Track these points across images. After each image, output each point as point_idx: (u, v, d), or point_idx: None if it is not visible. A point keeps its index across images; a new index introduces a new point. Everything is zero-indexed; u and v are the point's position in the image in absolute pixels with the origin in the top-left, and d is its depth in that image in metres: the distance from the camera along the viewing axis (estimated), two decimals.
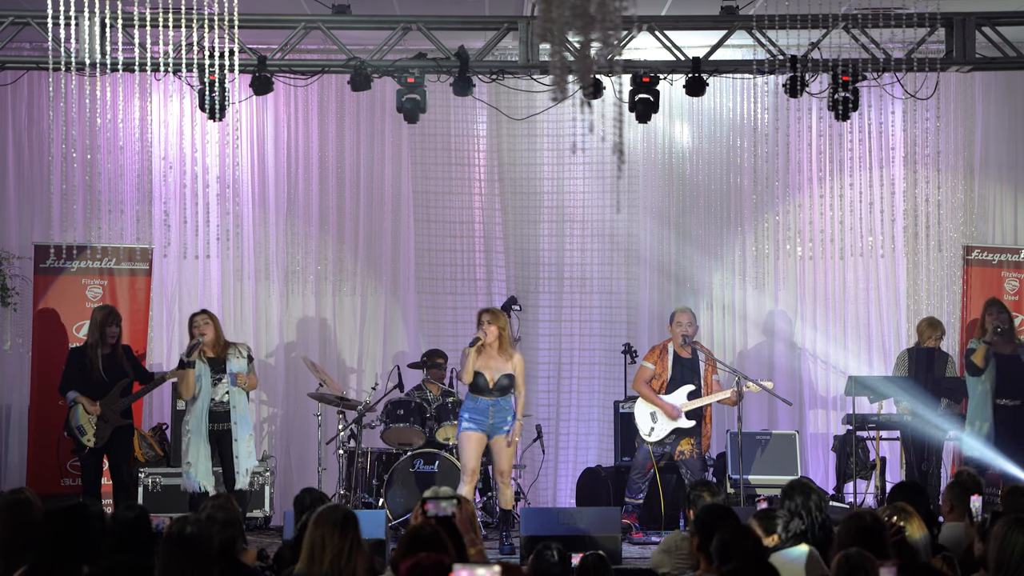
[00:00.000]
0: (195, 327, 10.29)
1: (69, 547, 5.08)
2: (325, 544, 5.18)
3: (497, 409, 9.96)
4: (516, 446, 10.24)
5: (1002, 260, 12.40)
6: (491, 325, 9.93)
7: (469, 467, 9.96)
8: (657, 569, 7.30)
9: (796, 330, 12.97)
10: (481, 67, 10.98)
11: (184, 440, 10.20)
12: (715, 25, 11.04)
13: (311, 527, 5.27)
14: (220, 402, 10.19)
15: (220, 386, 10.19)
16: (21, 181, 12.76)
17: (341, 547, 5.19)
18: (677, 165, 13.01)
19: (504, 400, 9.99)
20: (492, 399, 9.95)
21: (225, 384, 10.20)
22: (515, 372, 10.00)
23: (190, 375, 10.11)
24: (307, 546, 5.23)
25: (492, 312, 10.09)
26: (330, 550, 5.18)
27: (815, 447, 12.83)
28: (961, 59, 10.78)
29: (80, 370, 10.52)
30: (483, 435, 9.97)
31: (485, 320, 9.99)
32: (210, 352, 10.24)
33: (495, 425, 9.97)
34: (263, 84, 10.72)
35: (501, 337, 9.97)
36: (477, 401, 10.00)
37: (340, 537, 5.20)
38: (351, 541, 5.22)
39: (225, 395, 10.20)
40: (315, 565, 5.17)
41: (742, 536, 5.51)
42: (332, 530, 5.20)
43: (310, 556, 5.20)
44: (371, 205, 13.04)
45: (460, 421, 10.07)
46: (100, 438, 10.44)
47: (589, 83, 4.48)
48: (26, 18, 10.57)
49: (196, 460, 10.09)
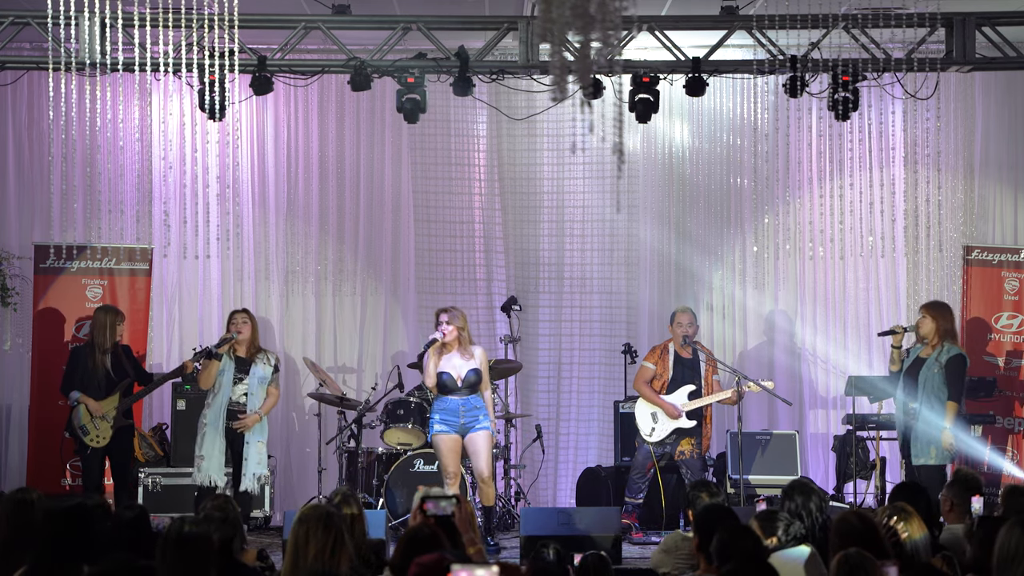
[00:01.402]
0: (232, 323, 10.33)
1: (69, 547, 5.08)
2: (308, 540, 5.21)
3: (468, 408, 9.93)
4: (491, 446, 10.17)
5: (1002, 260, 12.40)
6: (449, 325, 9.91)
7: (450, 470, 9.94)
8: (657, 569, 7.31)
9: (796, 330, 12.97)
10: (481, 67, 10.98)
11: (199, 434, 10.21)
12: (715, 25, 11.04)
13: (294, 525, 5.30)
14: (237, 402, 10.20)
15: (240, 386, 10.22)
16: (21, 181, 12.76)
17: (324, 542, 5.21)
18: (677, 165, 13.01)
19: (474, 398, 9.95)
20: (462, 397, 9.92)
21: (245, 385, 10.22)
22: (480, 366, 9.97)
23: (213, 367, 10.12)
24: (291, 544, 5.26)
25: (450, 312, 10.04)
26: (313, 545, 5.20)
27: (815, 447, 12.83)
28: (961, 59, 10.78)
29: (83, 370, 10.53)
30: (457, 436, 9.93)
31: (443, 320, 9.95)
32: (241, 351, 10.28)
33: (467, 424, 9.93)
34: (263, 84, 10.72)
35: (460, 335, 9.94)
36: (446, 401, 9.94)
37: (324, 533, 5.22)
38: (334, 537, 5.24)
39: (243, 396, 10.22)
40: (299, 560, 5.19)
41: (742, 536, 5.51)
42: (316, 526, 5.23)
43: (294, 553, 5.23)
44: (371, 205, 13.04)
45: (431, 425, 10.03)
46: (103, 438, 10.47)
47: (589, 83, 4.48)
48: (26, 18, 10.57)
49: (210, 454, 10.10)
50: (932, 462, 10.09)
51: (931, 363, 10.22)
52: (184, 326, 12.74)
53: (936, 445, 10.07)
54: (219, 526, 5.89)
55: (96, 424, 10.47)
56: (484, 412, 10.01)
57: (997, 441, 11.97)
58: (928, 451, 10.09)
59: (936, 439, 10.06)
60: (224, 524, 5.92)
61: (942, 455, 10.13)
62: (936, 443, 10.07)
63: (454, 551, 5.15)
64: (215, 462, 10.09)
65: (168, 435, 11.95)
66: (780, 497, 6.46)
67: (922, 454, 10.10)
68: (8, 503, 5.74)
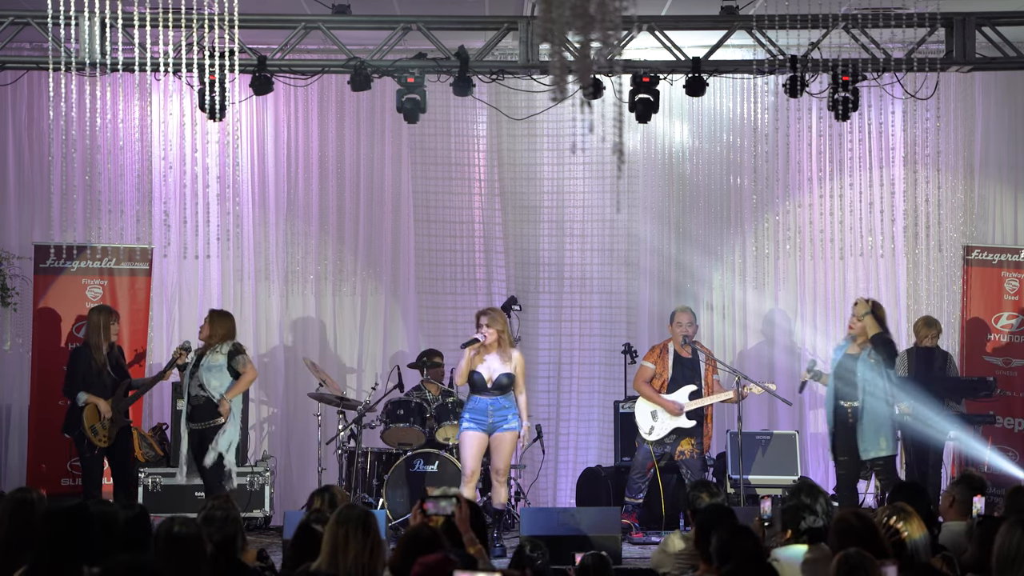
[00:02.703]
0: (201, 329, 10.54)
1: (69, 547, 5.08)
2: (349, 542, 5.20)
3: (496, 407, 9.97)
4: (515, 446, 10.24)
5: (1002, 260, 12.40)
6: (490, 328, 9.93)
7: (469, 468, 9.97)
8: (657, 569, 7.31)
9: (796, 330, 12.97)
10: (481, 67, 10.98)
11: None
12: (715, 25, 11.04)
13: (333, 525, 5.28)
14: (194, 395, 10.35)
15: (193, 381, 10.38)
16: (21, 181, 12.76)
17: (364, 544, 5.21)
18: (677, 165, 13.01)
19: (504, 398, 9.99)
20: (491, 397, 9.96)
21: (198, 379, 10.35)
22: (515, 371, 10.01)
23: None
24: (329, 543, 5.24)
25: (490, 315, 10.06)
26: (354, 547, 5.20)
27: (815, 447, 12.83)
28: (961, 59, 10.78)
29: (86, 371, 10.55)
30: (484, 435, 9.98)
31: (484, 323, 9.98)
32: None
33: (495, 424, 9.98)
34: (263, 84, 10.72)
35: (500, 338, 9.98)
36: (475, 401, 10.02)
37: (363, 535, 5.22)
38: (372, 539, 5.25)
39: (199, 389, 10.33)
40: (339, 562, 5.18)
41: (742, 536, 5.51)
42: (355, 528, 5.22)
43: (332, 553, 5.21)
44: (371, 205, 13.04)
45: (461, 422, 10.09)
46: (110, 438, 10.53)
47: (589, 83, 4.48)
48: (26, 18, 10.57)
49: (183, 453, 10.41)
50: (884, 453, 10.12)
51: (863, 359, 10.20)
52: (184, 326, 12.73)
53: (885, 435, 10.10)
54: (220, 526, 5.89)
55: (104, 424, 10.51)
56: (514, 412, 10.02)
57: (997, 441, 11.97)
58: (878, 443, 10.11)
59: (885, 428, 10.10)
60: (225, 523, 5.92)
61: (891, 445, 10.17)
62: (886, 432, 10.10)
63: (455, 551, 5.15)
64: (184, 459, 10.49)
65: (168, 435, 11.96)
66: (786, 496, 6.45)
67: (872, 447, 10.10)
68: (8, 503, 5.74)
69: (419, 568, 4.60)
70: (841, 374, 10.26)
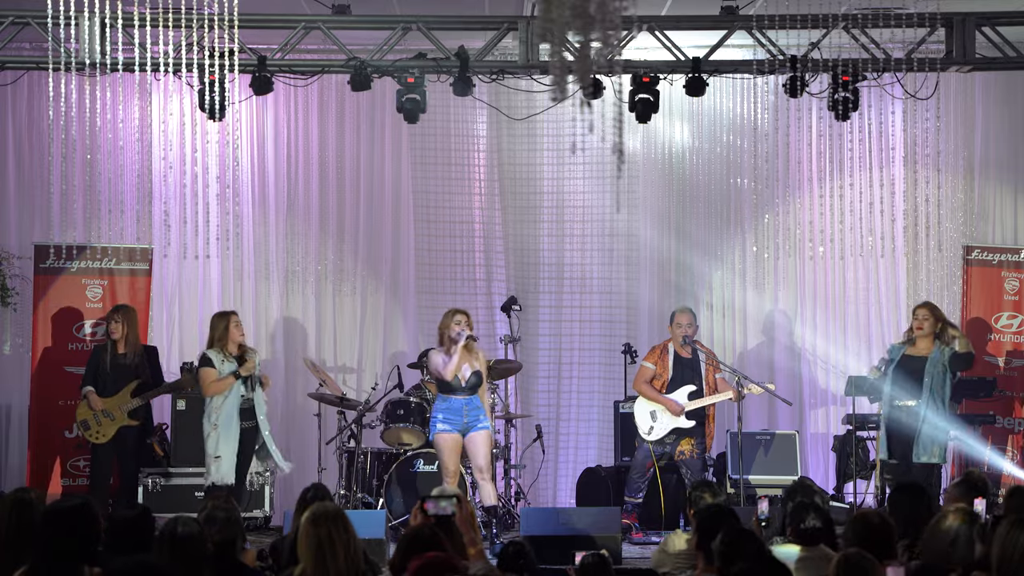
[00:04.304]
0: (237, 326, 10.52)
1: (69, 547, 5.08)
2: (334, 540, 5.17)
3: (471, 407, 10.12)
4: (491, 444, 10.33)
5: (1002, 260, 12.39)
6: (470, 325, 10.13)
7: (450, 469, 10.08)
8: (657, 569, 7.31)
9: (796, 330, 12.97)
10: (481, 67, 10.98)
11: (212, 435, 10.31)
12: (715, 25, 11.04)
13: (310, 527, 5.22)
14: (249, 399, 10.45)
15: (245, 384, 10.42)
16: (21, 181, 12.76)
17: (347, 541, 5.20)
18: (677, 165, 13.01)
19: (475, 398, 10.14)
20: (465, 397, 10.10)
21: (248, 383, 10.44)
22: (482, 368, 10.16)
23: (230, 380, 10.35)
24: (313, 547, 5.19)
25: (466, 313, 10.26)
26: (340, 545, 5.18)
27: (815, 447, 12.83)
28: (961, 59, 10.78)
29: (96, 367, 10.83)
30: (458, 435, 10.08)
31: (463, 319, 10.11)
32: (234, 350, 10.46)
33: (469, 424, 10.09)
34: (263, 84, 10.71)
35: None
36: (449, 401, 10.11)
37: (345, 532, 5.21)
38: (352, 534, 5.24)
39: (251, 392, 10.46)
40: (328, 563, 5.14)
41: (747, 539, 5.50)
42: (336, 526, 5.20)
43: (319, 555, 5.17)
44: (371, 205, 13.04)
45: (433, 424, 10.15)
46: (104, 435, 10.55)
47: (589, 83, 4.48)
48: (26, 18, 10.57)
49: (226, 454, 10.28)
50: (935, 460, 10.39)
51: (935, 361, 10.33)
52: (184, 326, 12.74)
53: (940, 445, 10.36)
54: (222, 526, 5.88)
55: (98, 419, 10.54)
56: (483, 411, 10.16)
57: (997, 441, 11.96)
58: (932, 450, 10.37)
59: (940, 440, 10.35)
60: (227, 524, 5.92)
61: (942, 456, 10.44)
62: (940, 444, 10.36)
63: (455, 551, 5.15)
64: (231, 461, 10.27)
65: (168, 435, 11.94)
66: (782, 497, 6.46)
67: (925, 452, 10.34)
68: (8, 503, 5.73)
69: (420, 561, 4.58)
70: (900, 376, 10.40)
